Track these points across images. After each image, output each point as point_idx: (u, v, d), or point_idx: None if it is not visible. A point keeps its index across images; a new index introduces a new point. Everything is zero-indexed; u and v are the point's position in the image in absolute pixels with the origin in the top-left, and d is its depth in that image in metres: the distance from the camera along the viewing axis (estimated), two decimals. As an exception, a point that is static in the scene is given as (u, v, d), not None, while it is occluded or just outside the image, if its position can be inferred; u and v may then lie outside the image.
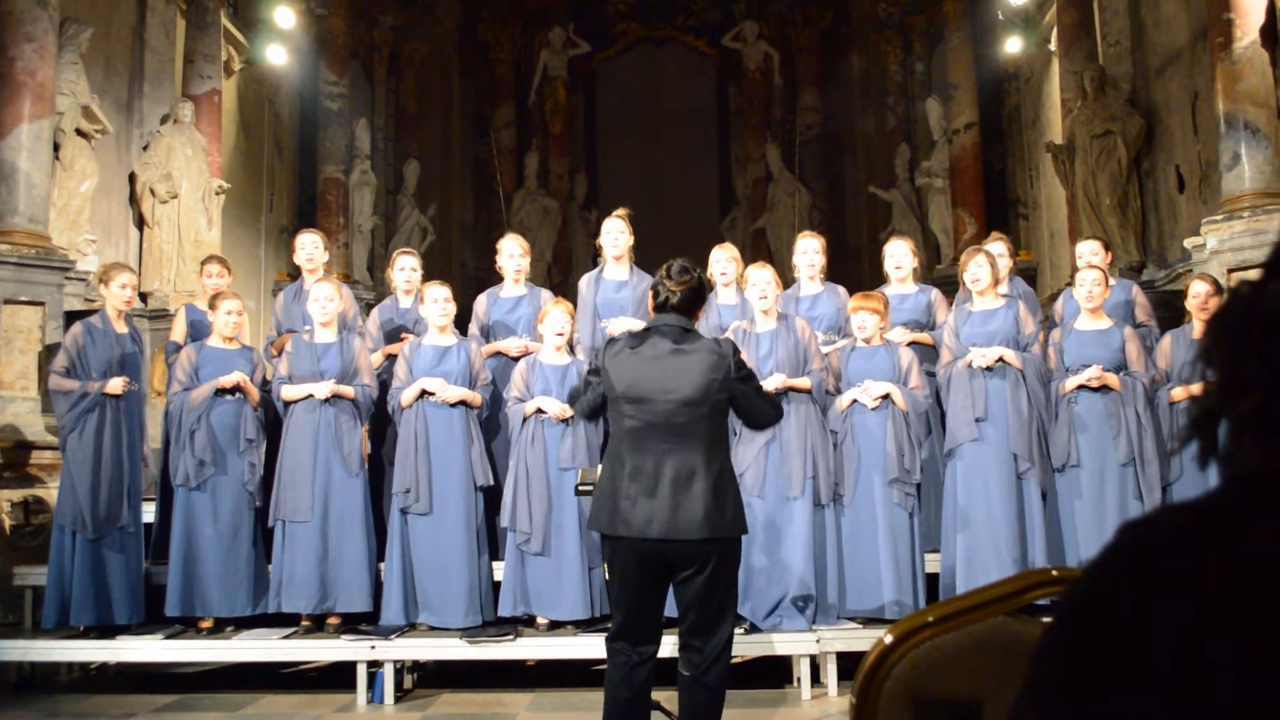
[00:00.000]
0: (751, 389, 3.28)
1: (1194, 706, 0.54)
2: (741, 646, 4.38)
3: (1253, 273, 0.68)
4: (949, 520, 4.98)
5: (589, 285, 5.43)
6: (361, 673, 4.71)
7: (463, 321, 5.50)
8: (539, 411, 4.97)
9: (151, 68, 8.80)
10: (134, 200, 8.50)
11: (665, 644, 3.31)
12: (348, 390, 5.09)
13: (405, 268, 5.77)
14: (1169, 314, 6.49)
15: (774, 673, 4.89)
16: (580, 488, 3.67)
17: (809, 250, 5.47)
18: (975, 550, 4.84)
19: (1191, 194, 7.77)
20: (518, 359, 5.31)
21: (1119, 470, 4.90)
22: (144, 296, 8.09)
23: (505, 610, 4.95)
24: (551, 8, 14.06)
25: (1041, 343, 5.21)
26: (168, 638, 4.98)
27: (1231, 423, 0.62)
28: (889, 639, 1.34)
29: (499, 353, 5.46)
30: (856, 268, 11.98)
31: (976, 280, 5.12)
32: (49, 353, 6.13)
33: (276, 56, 10.64)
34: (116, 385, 5.10)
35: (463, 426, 5.05)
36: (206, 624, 5.08)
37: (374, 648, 4.73)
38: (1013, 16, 10.78)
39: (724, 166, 14.49)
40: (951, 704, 1.32)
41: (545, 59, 13.95)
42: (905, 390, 4.94)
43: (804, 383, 4.84)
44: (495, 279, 5.79)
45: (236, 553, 5.08)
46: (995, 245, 5.75)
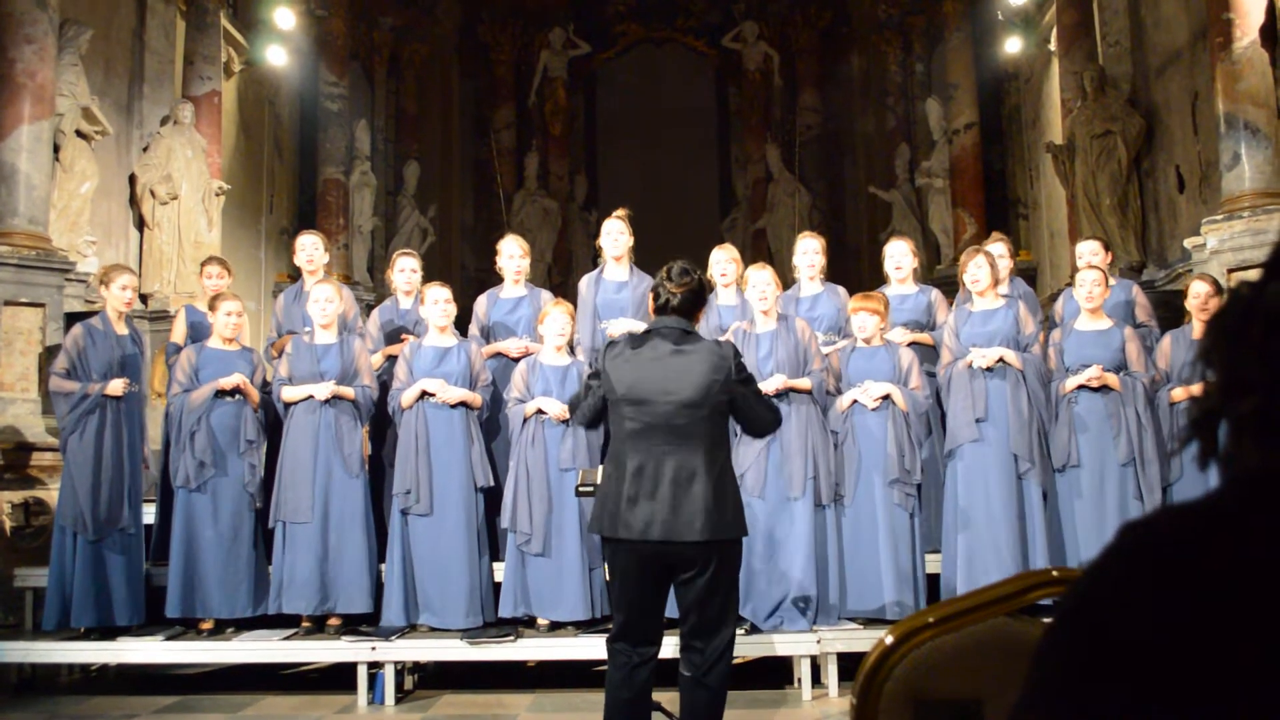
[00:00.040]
0: (751, 392, 3.28)
1: (1195, 707, 0.54)
2: (742, 647, 4.38)
3: (1253, 273, 0.68)
4: (949, 521, 4.98)
5: (589, 286, 5.43)
6: (362, 674, 4.71)
7: (463, 322, 5.50)
8: (539, 412, 4.97)
9: (151, 69, 8.81)
10: (134, 202, 8.50)
11: (666, 645, 3.30)
12: (348, 391, 5.09)
13: (405, 269, 5.77)
14: (1169, 314, 6.49)
15: (775, 673, 4.89)
16: (581, 488, 3.67)
17: (809, 251, 5.47)
18: (976, 551, 4.84)
19: (1191, 194, 7.77)
20: (518, 360, 5.31)
21: (1119, 470, 4.90)
22: (144, 298, 8.10)
23: (506, 611, 4.96)
24: (551, 8, 14.06)
25: (1042, 343, 5.21)
26: (168, 639, 4.98)
27: (1232, 424, 0.62)
28: (890, 640, 1.34)
29: (499, 354, 5.47)
30: (857, 268, 11.98)
31: (976, 281, 5.12)
32: (49, 354, 6.13)
33: (276, 58, 10.64)
34: (117, 387, 5.11)
35: (463, 427, 5.05)
36: (207, 625, 5.08)
37: (374, 649, 4.73)
38: (1012, 17, 10.79)
39: (724, 167, 14.49)
40: (952, 705, 1.32)
41: (545, 60, 13.96)
42: (906, 391, 4.94)
43: (804, 383, 4.84)
44: (495, 280, 5.79)
45: (237, 554, 5.08)
46: (996, 246, 5.75)
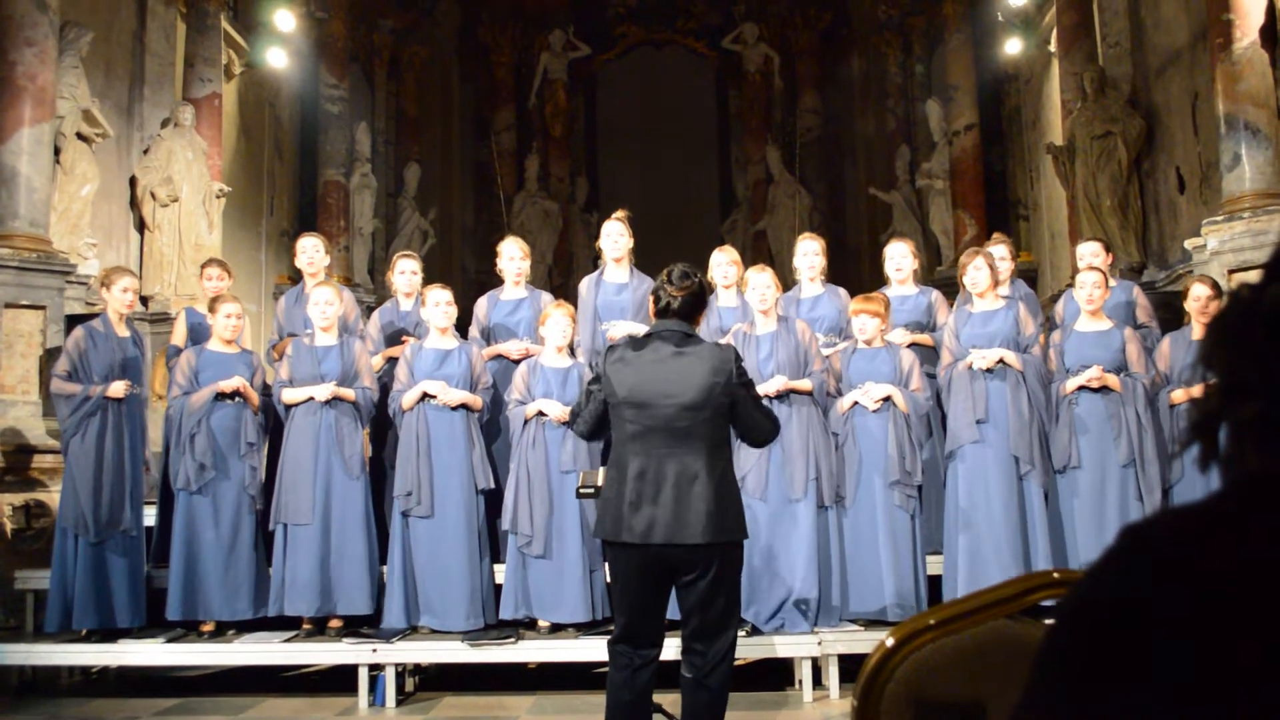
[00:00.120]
0: (750, 397, 3.28)
1: (1196, 708, 0.54)
2: (743, 649, 4.37)
3: (1253, 274, 0.68)
4: (950, 522, 4.97)
5: (589, 288, 5.43)
6: (363, 676, 4.71)
7: (463, 324, 5.50)
8: (540, 414, 4.97)
9: (152, 71, 8.82)
10: (134, 204, 8.51)
11: (667, 647, 3.30)
12: (348, 393, 5.09)
13: (406, 270, 5.77)
14: (1170, 315, 6.48)
15: (776, 675, 4.89)
16: (581, 490, 3.67)
17: (809, 252, 5.47)
18: (977, 552, 4.84)
19: (1192, 195, 7.76)
20: (518, 362, 5.31)
21: (1120, 471, 4.90)
22: (145, 300, 8.10)
23: (506, 613, 4.95)
24: (551, 10, 14.07)
25: (1042, 344, 5.21)
26: (169, 641, 4.98)
27: (1232, 427, 0.62)
28: (891, 641, 1.34)
29: (500, 356, 5.47)
30: (857, 269, 11.98)
31: (975, 283, 5.12)
32: (50, 356, 6.13)
33: (277, 60, 10.65)
34: (118, 389, 5.11)
35: (464, 429, 5.05)
36: (208, 627, 5.08)
37: (375, 651, 4.73)
38: (1012, 18, 10.79)
39: (724, 169, 14.49)
40: (953, 706, 1.32)
41: (545, 62, 13.96)
42: (906, 392, 4.94)
43: (805, 384, 4.84)
44: (496, 281, 5.78)
45: (237, 556, 5.08)
46: (997, 248, 5.75)
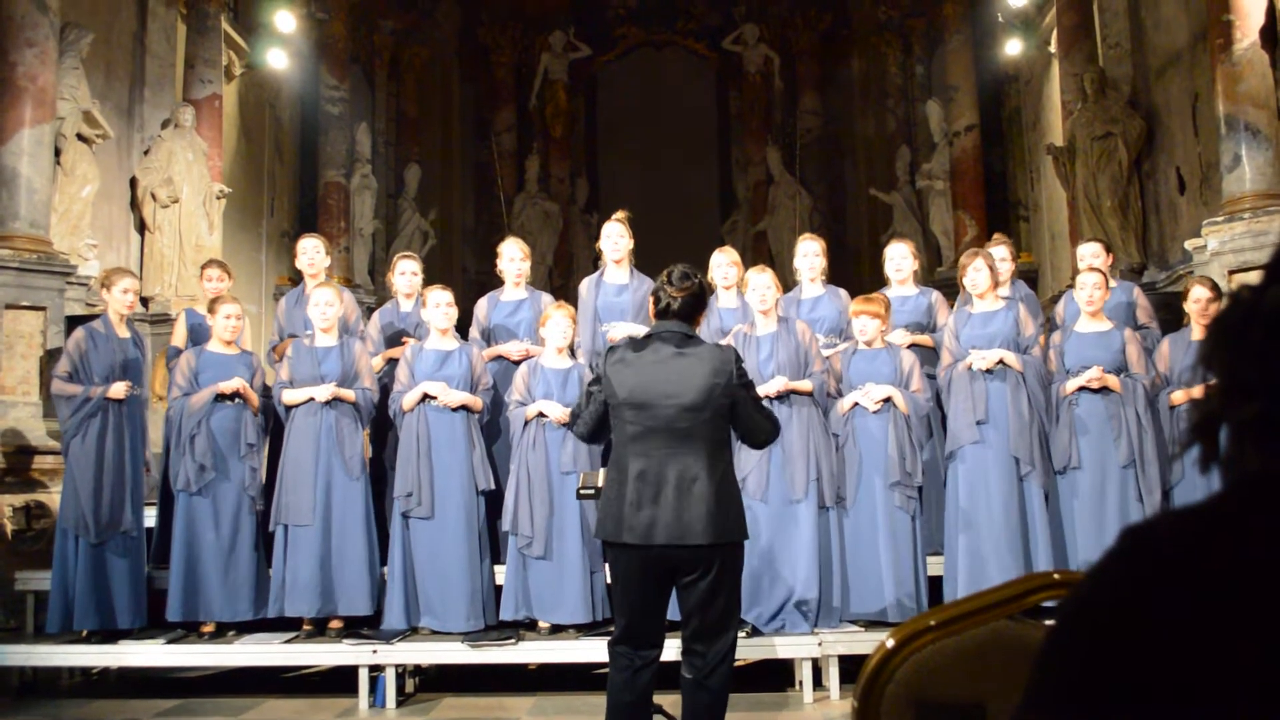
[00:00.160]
0: (750, 398, 3.28)
1: (1196, 710, 0.54)
2: (744, 650, 4.37)
3: (1253, 275, 0.68)
4: (951, 523, 4.97)
5: (589, 289, 5.43)
6: (363, 677, 4.71)
7: (463, 325, 5.50)
8: (540, 415, 4.97)
9: (152, 72, 8.82)
10: (135, 205, 8.51)
11: (668, 648, 3.30)
12: (348, 394, 5.09)
13: (406, 271, 5.78)
14: (1170, 315, 6.47)
15: (776, 676, 4.89)
16: (581, 491, 3.67)
17: (810, 253, 5.47)
18: (977, 553, 4.84)
19: (1192, 195, 7.76)
20: (519, 363, 5.31)
21: (1120, 472, 4.90)
22: (145, 301, 8.11)
23: (507, 614, 4.95)
24: (552, 11, 14.07)
25: (1042, 345, 5.21)
26: (169, 642, 4.98)
27: (1233, 428, 0.62)
28: (891, 643, 1.34)
29: (500, 357, 5.47)
30: (857, 270, 11.98)
31: (975, 284, 5.12)
32: (50, 358, 6.14)
33: (277, 61, 10.65)
34: (119, 390, 5.11)
35: (464, 430, 5.05)
36: (208, 629, 5.08)
37: (376, 652, 4.73)
38: (1012, 19, 10.79)
39: (724, 169, 14.49)
40: (954, 707, 1.32)
41: (546, 62, 13.96)
42: (907, 393, 4.93)
43: (805, 385, 4.84)
44: (496, 282, 5.79)
45: (237, 557, 5.08)
46: (998, 248, 5.75)
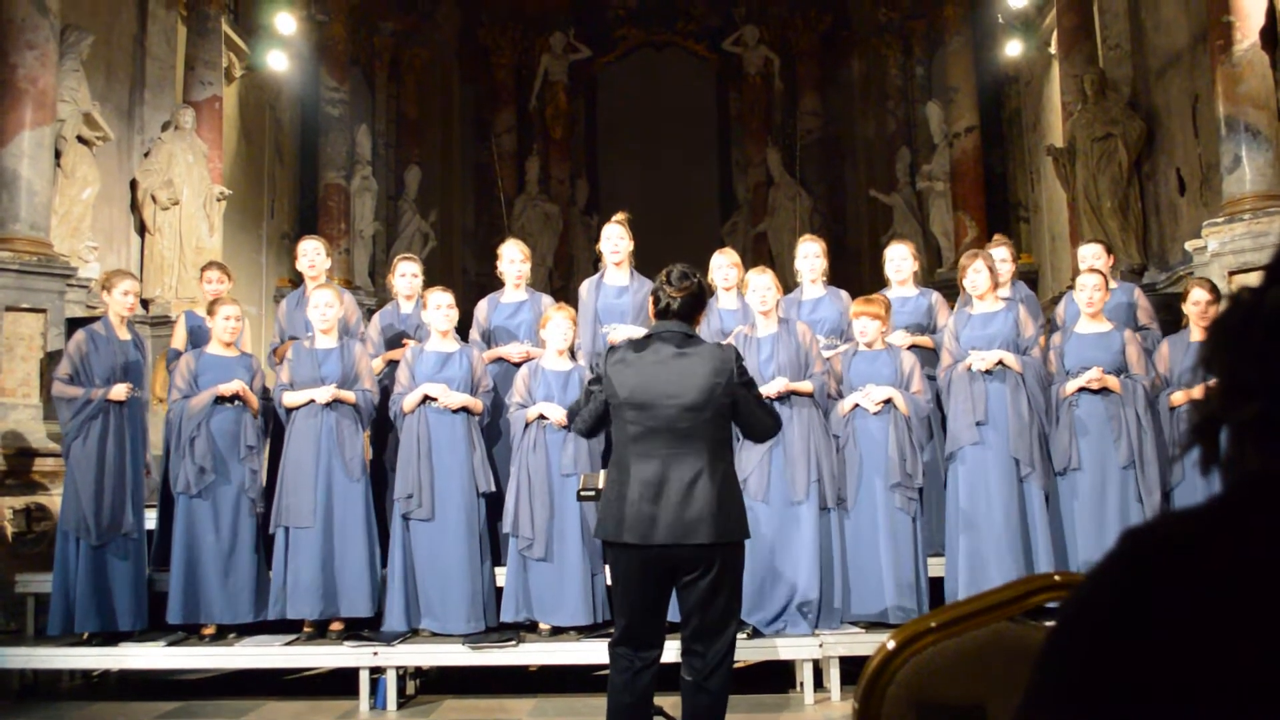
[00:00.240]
0: (752, 396, 3.28)
1: (1196, 710, 0.54)
2: (744, 651, 4.37)
3: (1254, 276, 0.68)
4: (951, 524, 4.97)
5: (589, 291, 5.43)
6: (364, 679, 4.71)
7: (464, 327, 5.50)
8: (541, 418, 4.97)
9: (152, 74, 8.82)
10: (135, 207, 8.51)
11: (668, 649, 3.30)
12: (348, 395, 5.10)
13: (407, 273, 5.78)
14: (1171, 316, 6.47)
15: (777, 677, 4.88)
16: (582, 493, 3.67)
17: (810, 254, 5.47)
18: (978, 554, 4.84)
19: (1192, 196, 7.76)
20: (519, 365, 5.31)
21: (1120, 473, 4.90)
22: (145, 303, 8.11)
23: (507, 616, 4.95)
24: (551, 13, 14.08)
25: (1042, 346, 5.21)
26: (170, 645, 4.98)
27: (1233, 429, 0.62)
28: (892, 644, 1.34)
29: (501, 359, 5.47)
30: (858, 271, 11.98)
31: (975, 285, 5.12)
32: (50, 360, 6.14)
33: (277, 63, 10.65)
34: (120, 392, 5.11)
35: (464, 432, 5.05)
36: (209, 631, 5.08)
37: (376, 654, 4.72)
38: (1013, 20, 10.79)
39: (725, 171, 14.49)
40: (955, 709, 1.32)
41: (546, 64, 13.96)
42: (907, 395, 4.93)
43: (806, 386, 4.84)
44: (496, 284, 5.79)
45: (237, 560, 5.08)
46: (998, 249, 5.75)
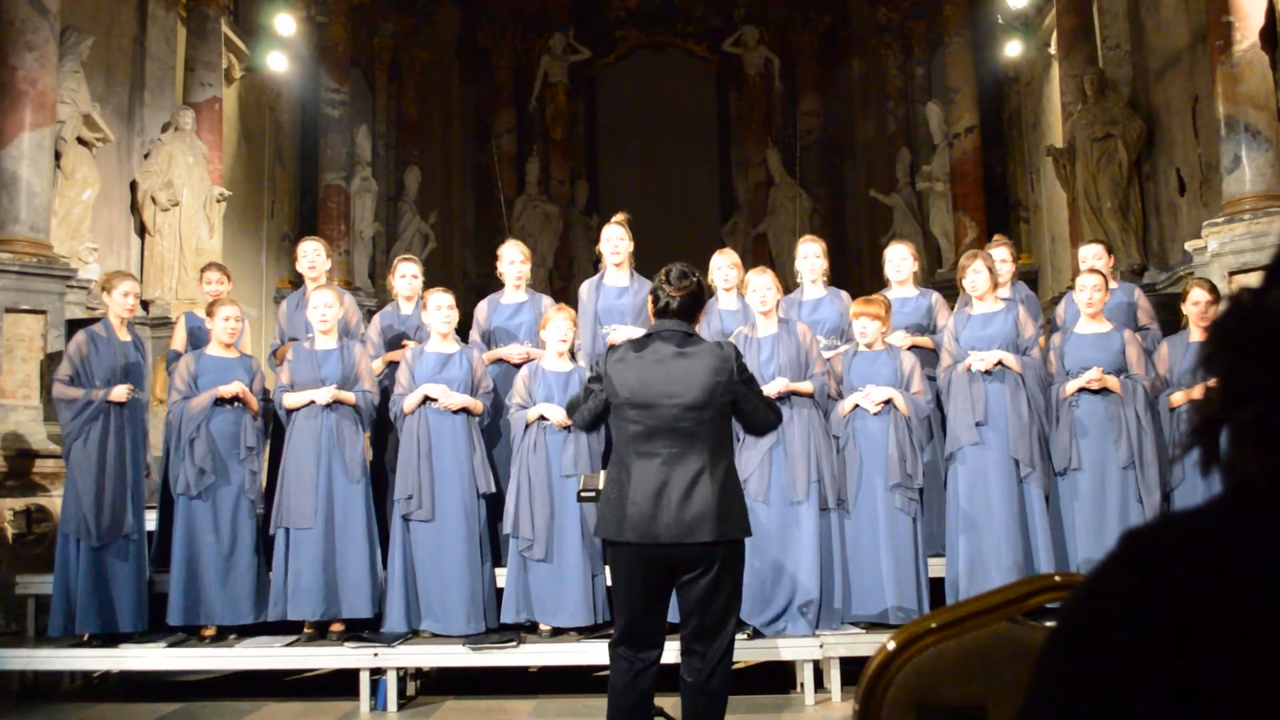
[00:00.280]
0: (753, 393, 3.29)
1: (1196, 709, 0.54)
2: (744, 652, 4.37)
3: (1254, 276, 0.68)
4: (951, 524, 4.98)
5: (589, 291, 5.43)
6: (364, 680, 4.71)
7: (464, 328, 5.50)
8: (541, 419, 4.97)
9: (152, 76, 8.82)
10: (135, 208, 8.51)
11: (668, 650, 3.30)
12: (349, 396, 5.10)
13: (407, 274, 5.78)
14: (1171, 316, 6.46)
15: (777, 678, 4.88)
16: (583, 494, 3.67)
17: (810, 255, 5.47)
18: (978, 554, 4.84)
19: (1192, 197, 7.76)
20: (519, 366, 5.31)
21: (1120, 473, 4.90)
22: (145, 304, 8.10)
23: (508, 617, 4.95)
24: (551, 14, 14.07)
25: (1042, 346, 5.21)
26: (170, 646, 4.98)
27: (1233, 430, 0.62)
28: (892, 645, 1.34)
29: (501, 359, 5.47)
30: (858, 272, 11.98)
31: (974, 286, 5.12)
32: (51, 361, 6.13)
33: (277, 64, 10.65)
34: (120, 393, 5.11)
35: (465, 433, 5.05)
36: (209, 632, 5.08)
37: (377, 655, 4.72)
38: (1012, 20, 10.79)
39: (724, 171, 14.49)
40: (956, 710, 1.32)
41: (546, 65, 13.96)
42: (907, 395, 4.94)
43: (806, 386, 4.84)
44: (497, 285, 5.79)
45: (237, 561, 5.08)
46: (998, 250, 5.75)
